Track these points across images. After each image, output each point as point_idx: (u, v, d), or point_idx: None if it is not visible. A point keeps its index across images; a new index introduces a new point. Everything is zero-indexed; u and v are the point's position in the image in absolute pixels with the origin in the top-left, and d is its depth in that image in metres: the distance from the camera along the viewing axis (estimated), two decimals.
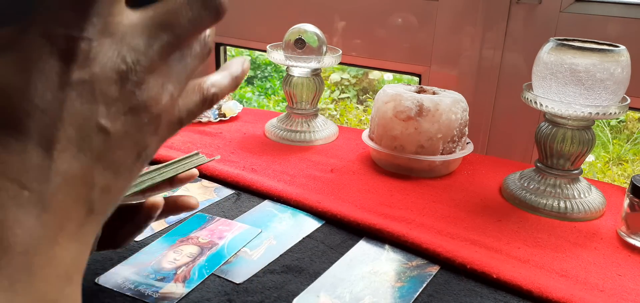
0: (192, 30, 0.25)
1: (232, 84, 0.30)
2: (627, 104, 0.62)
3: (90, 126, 0.22)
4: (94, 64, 0.22)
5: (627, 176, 1.92)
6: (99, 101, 0.22)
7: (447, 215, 0.63)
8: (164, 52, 0.24)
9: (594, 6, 0.85)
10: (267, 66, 2.55)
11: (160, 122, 0.25)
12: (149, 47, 0.24)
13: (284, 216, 0.62)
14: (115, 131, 0.23)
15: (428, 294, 0.49)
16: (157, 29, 0.24)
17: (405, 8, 0.99)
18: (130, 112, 0.23)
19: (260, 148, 0.82)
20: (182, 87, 0.26)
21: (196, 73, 0.27)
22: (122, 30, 0.23)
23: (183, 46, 0.26)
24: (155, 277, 0.49)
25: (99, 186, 0.23)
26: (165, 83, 0.25)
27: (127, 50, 0.23)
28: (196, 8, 0.25)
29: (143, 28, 0.24)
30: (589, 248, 0.58)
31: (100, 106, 0.22)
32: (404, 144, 0.72)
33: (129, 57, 0.23)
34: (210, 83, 0.28)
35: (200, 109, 0.28)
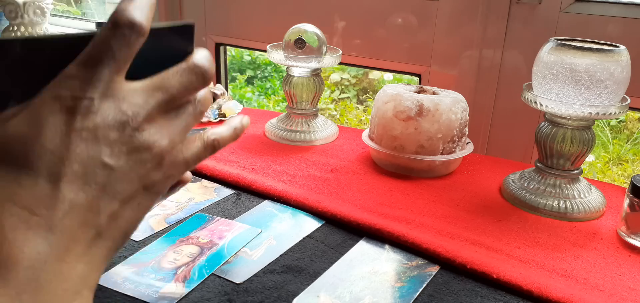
0: (183, 91, 0.31)
1: (232, 134, 0.35)
2: (627, 104, 0.62)
3: (95, 163, 0.27)
4: (96, 117, 0.27)
5: (627, 176, 1.92)
6: (102, 143, 0.27)
7: (447, 215, 0.63)
8: (160, 107, 0.30)
9: (594, 6, 0.85)
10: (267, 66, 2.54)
11: (162, 160, 0.30)
12: (146, 103, 0.29)
13: (284, 216, 0.62)
14: (119, 167, 0.28)
15: (428, 294, 0.49)
16: (153, 90, 0.29)
17: (405, 8, 0.99)
18: (132, 151, 0.28)
19: (260, 148, 0.82)
20: (182, 136, 0.31)
21: None
22: (123, 93, 0.28)
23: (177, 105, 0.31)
24: (155, 277, 0.49)
25: (105, 214, 0.28)
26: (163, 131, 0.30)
27: (127, 106, 0.28)
28: (186, 75, 0.31)
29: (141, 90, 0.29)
30: (589, 248, 0.58)
31: (103, 147, 0.27)
32: (404, 144, 0.72)
33: (129, 111, 0.28)
34: (211, 133, 0.34)
35: (203, 152, 0.33)
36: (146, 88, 0.29)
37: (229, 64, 2.40)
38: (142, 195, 0.29)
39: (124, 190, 0.28)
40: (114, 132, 0.27)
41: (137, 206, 0.29)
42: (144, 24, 0.28)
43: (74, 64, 0.27)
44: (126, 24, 0.27)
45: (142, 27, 0.28)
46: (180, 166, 0.31)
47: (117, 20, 0.27)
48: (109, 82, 0.27)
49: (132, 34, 0.28)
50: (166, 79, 0.30)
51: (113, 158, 0.28)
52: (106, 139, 0.27)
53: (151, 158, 0.29)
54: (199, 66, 0.31)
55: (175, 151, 0.31)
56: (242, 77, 2.47)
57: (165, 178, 0.30)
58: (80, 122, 0.27)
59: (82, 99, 0.27)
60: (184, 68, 0.31)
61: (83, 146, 0.27)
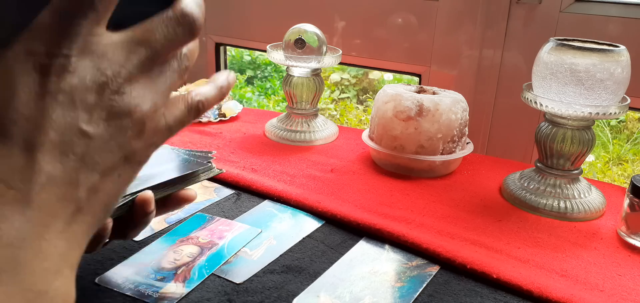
0: (168, 46, 0.28)
1: (218, 93, 0.32)
2: (627, 104, 0.62)
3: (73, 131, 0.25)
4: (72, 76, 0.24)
5: (627, 176, 1.92)
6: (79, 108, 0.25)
7: (447, 215, 0.63)
8: (142, 65, 0.27)
9: (594, 6, 0.85)
10: (267, 66, 2.54)
11: (144, 127, 0.27)
12: (127, 61, 0.26)
13: (284, 216, 0.62)
14: (98, 135, 0.25)
15: (428, 294, 0.49)
16: (135, 45, 0.26)
17: (405, 8, 0.99)
18: (111, 117, 0.26)
19: (260, 148, 0.82)
20: (165, 98, 0.28)
21: None
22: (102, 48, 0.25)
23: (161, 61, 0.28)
24: (155, 277, 0.49)
25: (84, 186, 0.25)
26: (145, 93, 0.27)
27: (108, 64, 0.25)
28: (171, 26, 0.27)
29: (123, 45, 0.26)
30: (589, 248, 0.58)
31: (80, 112, 0.25)
32: (404, 144, 0.72)
33: (109, 70, 0.25)
34: (194, 93, 0.30)
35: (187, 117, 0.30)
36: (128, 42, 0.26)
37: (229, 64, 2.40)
38: (123, 166, 0.27)
39: (104, 160, 0.26)
40: (92, 95, 0.25)
41: (118, 177, 0.27)
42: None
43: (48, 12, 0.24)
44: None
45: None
46: (163, 132, 0.29)
47: None
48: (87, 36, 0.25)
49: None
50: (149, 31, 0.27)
51: (91, 125, 0.25)
52: (84, 103, 0.25)
53: (132, 125, 0.27)
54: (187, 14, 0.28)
55: (157, 116, 0.28)
56: (242, 77, 2.47)
57: (147, 147, 0.28)
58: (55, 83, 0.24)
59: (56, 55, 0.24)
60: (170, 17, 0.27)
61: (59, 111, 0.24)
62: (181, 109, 0.30)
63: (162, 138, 0.29)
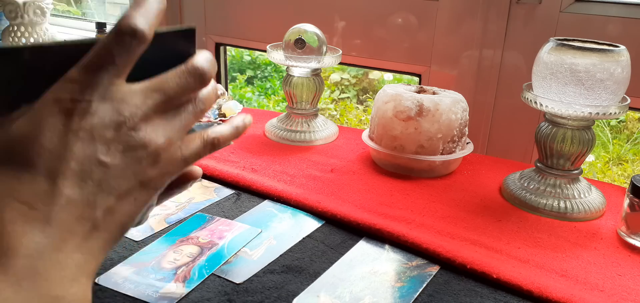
0: (181, 92, 0.32)
1: (233, 132, 0.36)
2: (627, 104, 0.62)
3: (91, 161, 0.28)
4: (93, 117, 0.28)
5: (627, 176, 1.92)
6: (98, 142, 0.28)
7: (447, 215, 0.63)
8: (157, 108, 0.31)
9: (594, 6, 0.85)
10: (267, 66, 2.54)
11: (159, 158, 0.31)
12: (143, 104, 0.30)
13: (284, 216, 0.62)
14: (114, 165, 0.29)
15: (428, 294, 0.49)
16: (151, 91, 0.30)
17: (405, 8, 0.99)
18: (127, 149, 0.29)
19: (260, 148, 0.82)
20: (180, 134, 0.32)
21: None
22: (121, 94, 0.29)
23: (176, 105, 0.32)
24: (155, 277, 0.49)
25: (101, 208, 0.29)
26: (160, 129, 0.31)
27: (126, 106, 0.29)
28: (183, 77, 0.32)
29: (140, 92, 0.30)
30: (589, 248, 0.58)
31: (98, 145, 0.28)
32: (404, 144, 0.72)
33: (127, 111, 0.29)
34: (211, 131, 0.34)
35: (202, 151, 0.34)
36: (144, 90, 0.30)
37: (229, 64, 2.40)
38: (138, 191, 0.30)
39: (120, 185, 0.29)
40: (110, 131, 0.29)
41: (134, 200, 0.30)
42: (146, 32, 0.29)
43: (75, 69, 0.28)
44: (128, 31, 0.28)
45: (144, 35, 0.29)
46: (178, 163, 0.32)
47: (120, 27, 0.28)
48: (108, 86, 0.29)
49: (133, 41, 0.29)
50: (164, 81, 0.31)
51: (109, 156, 0.29)
52: (102, 138, 0.28)
53: (147, 156, 0.30)
54: (198, 67, 0.32)
55: (172, 149, 0.31)
56: (242, 77, 2.47)
57: (162, 175, 0.31)
58: (77, 122, 0.28)
59: (80, 101, 0.28)
60: (183, 70, 0.32)
61: (80, 145, 0.28)
62: (198, 144, 0.33)
63: (178, 168, 0.32)
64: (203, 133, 0.34)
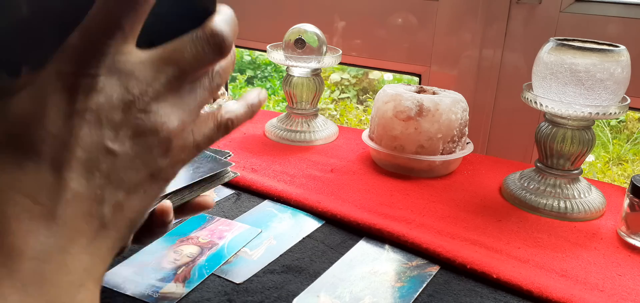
0: (196, 65, 0.27)
1: (248, 111, 0.32)
2: (627, 104, 0.62)
3: (99, 149, 0.25)
4: (99, 95, 0.25)
5: (627, 176, 1.92)
6: (105, 126, 0.25)
7: (447, 215, 0.63)
8: (170, 84, 0.27)
9: (594, 6, 0.85)
10: (267, 66, 2.54)
11: (170, 145, 0.27)
12: (155, 80, 0.26)
13: (284, 216, 0.62)
14: (123, 153, 0.26)
15: (428, 294, 0.49)
16: (163, 64, 0.26)
17: (405, 8, 0.99)
18: (137, 135, 0.26)
19: (260, 148, 0.82)
20: (194, 115, 0.28)
21: None
22: (130, 66, 0.25)
23: (190, 79, 0.28)
24: (155, 277, 0.49)
25: (109, 203, 0.26)
26: (173, 110, 0.27)
27: (135, 83, 0.25)
28: (200, 45, 0.27)
29: (151, 64, 0.26)
30: (589, 248, 0.58)
31: (106, 130, 0.25)
32: (404, 144, 0.72)
33: (136, 89, 0.26)
34: (224, 110, 0.30)
35: (216, 134, 0.30)
36: (156, 61, 0.26)
37: None
38: (149, 183, 0.27)
39: (129, 178, 0.26)
40: (119, 113, 0.25)
41: (144, 194, 0.27)
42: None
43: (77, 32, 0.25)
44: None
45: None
46: (191, 149, 0.29)
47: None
48: (114, 54, 0.25)
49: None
50: (178, 51, 0.27)
51: (117, 143, 0.25)
52: (110, 121, 0.25)
53: (158, 143, 0.27)
54: (216, 33, 0.28)
55: (185, 134, 0.28)
56: (242, 77, 2.47)
57: (174, 164, 0.28)
58: (82, 102, 0.25)
59: (84, 75, 0.25)
60: (199, 36, 0.27)
61: (86, 129, 0.25)
62: (210, 126, 0.30)
63: (190, 155, 0.29)
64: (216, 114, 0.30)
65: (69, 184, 0.25)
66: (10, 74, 0.26)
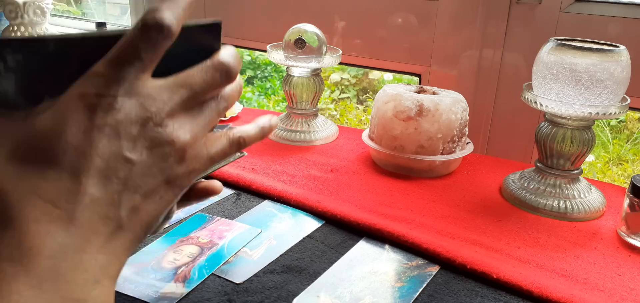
0: (206, 88, 0.31)
1: (259, 133, 0.35)
2: (627, 104, 0.62)
3: (117, 158, 0.28)
4: (118, 113, 0.28)
5: (627, 176, 1.92)
6: (123, 138, 0.28)
7: (447, 215, 0.63)
8: (183, 103, 0.30)
9: (594, 6, 0.85)
10: (267, 66, 2.54)
11: (185, 154, 0.30)
12: (170, 100, 0.30)
13: (284, 216, 0.62)
14: (140, 161, 0.28)
15: (428, 294, 0.49)
16: (177, 87, 0.30)
17: (405, 8, 0.99)
18: (153, 146, 0.29)
19: (260, 148, 0.82)
20: (204, 131, 0.32)
21: None
22: (147, 90, 0.29)
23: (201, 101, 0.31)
24: (155, 277, 0.49)
25: (126, 206, 0.28)
26: (185, 125, 0.30)
27: (152, 102, 0.29)
28: (209, 72, 0.31)
29: (166, 87, 0.30)
30: (589, 248, 0.58)
31: (124, 142, 0.28)
32: (404, 144, 0.72)
33: (153, 107, 0.29)
34: (236, 130, 0.34)
35: (228, 150, 0.33)
36: (170, 85, 0.30)
37: None
38: (164, 189, 0.30)
39: (146, 183, 0.29)
40: (136, 127, 0.28)
41: (159, 199, 0.30)
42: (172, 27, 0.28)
43: (101, 62, 0.28)
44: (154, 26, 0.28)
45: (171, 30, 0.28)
46: (204, 161, 0.32)
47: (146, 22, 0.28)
48: (133, 81, 0.28)
49: (159, 36, 0.28)
50: (190, 77, 0.31)
51: (134, 153, 0.28)
52: (128, 134, 0.28)
53: (173, 153, 0.30)
54: (223, 63, 0.32)
55: (198, 146, 0.31)
56: (242, 77, 2.47)
57: (188, 173, 0.31)
58: (102, 118, 0.27)
59: (105, 96, 0.27)
60: (208, 65, 0.31)
61: (105, 141, 0.27)
62: (223, 142, 0.33)
63: (204, 166, 0.32)
64: (228, 132, 0.34)
65: (87, 190, 0.27)
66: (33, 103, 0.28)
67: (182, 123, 0.30)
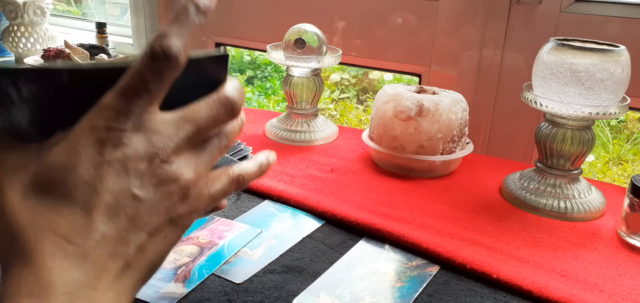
0: (211, 123, 0.31)
1: (258, 170, 0.36)
2: (627, 104, 0.62)
3: (126, 195, 0.28)
4: (127, 148, 0.28)
5: (627, 176, 1.92)
6: (131, 175, 0.28)
7: (447, 215, 0.63)
8: (188, 139, 0.30)
9: (594, 6, 0.85)
10: (267, 66, 2.54)
11: (188, 193, 0.31)
12: (175, 135, 0.30)
13: (284, 216, 0.62)
14: (147, 199, 0.29)
15: (428, 294, 0.49)
16: (183, 122, 0.30)
17: (405, 8, 0.99)
18: (159, 183, 0.29)
19: (261, 148, 0.81)
20: (207, 168, 0.32)
21: None
22: (154, 124, 0.29)
23: (205, 138, 0.32)
24: (155, 277, 0.49)
25: (133, 245, 0.29)
26: (189, 163, 0.31)
27: (159, 137, 0.29)
28: (215, 107, 0.31)
29: (172, 122, 0.30)
30: (589, 248, 0.58)
31: (132, 178, 0.28)
32: (404, 144, 0.72)
33: (160, 143, 0.29)
34: (236, 168, 0.34)
35: (228, 188, 0.34)
36: (176, 120, 0.30)
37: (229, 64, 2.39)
38: (168, 228, 0.30)
39: (152, 221, 0.29)
40: (144, 163, 0.29)
41: (164, 239, 0.30)
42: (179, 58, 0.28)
43: (110, 94, 0.28)
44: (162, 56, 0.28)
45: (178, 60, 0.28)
46: (205, 200, 0.32)
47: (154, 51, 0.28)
48: (141, 113, 0.29)
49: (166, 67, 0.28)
50: (196, 111, 0.31)
51: (142, 190, 0.29)
52: (136, 170, 0.28)
53: (178, 191, 0.30)
54: (228, 98, 0.32)
55: (200, 185, 0.31)
56: (242, 77, 2.47)
57: (190, 212, 0.31)
58: (111, 153, 0.28)
59: (114, 129, 0.28)
60: (214, 99, 0.32)
61: (114, 177, 0.28)
62: (224, 181, 0.33)
63: (205, 205, 0.32)
64: (228, 169, 0.34)
65: (99, 227, 0.27)
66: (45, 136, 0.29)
67: (187, 160, 0.30)
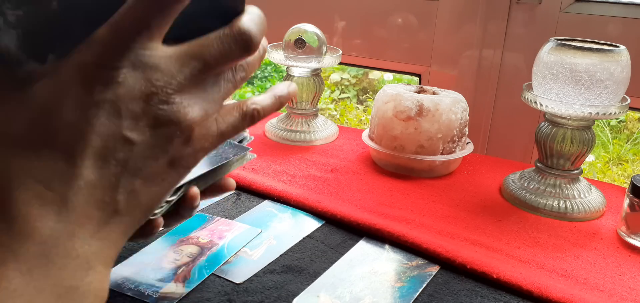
0: (222, 61, 0.28)
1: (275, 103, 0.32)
2: (627, 104, 0.62)
3: (116, 138, 0.25)
4: (119, 87, 0.25)
5: (627, 176, 1.92)
6: (124, 117, 0.25)
7: (447, 215, 0.63)
8: (194, 77, 0.27)
9: (594, 6, 0.85)
10: (267, 66, 2.54)
11: (192, 134, 0.27)
12: (179, 73, 0.26)
13: (284, 216, 0.62)
14: (142, 142, 0.26)
15: (428, 294, 0.49)
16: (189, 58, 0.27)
17: (405, 8, 0.99)
18: (157, 125, 0.26)
19: (260, 148, 0.82)
20: (217, 105, 0.29)
21: None
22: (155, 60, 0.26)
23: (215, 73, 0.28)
24: (155, 277, 0.49)
25: (124, 191, 0.26)
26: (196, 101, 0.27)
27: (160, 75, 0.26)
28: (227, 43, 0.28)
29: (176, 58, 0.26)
30: (589, 248, 0.58)
31: (124, 120, 0.25)
32: (404, 144, 0.72)
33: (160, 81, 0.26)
34: (250, 101, 0.31)
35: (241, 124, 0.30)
36: (182, 55, 0.27)
37: None
38: (168, 171, 0.28)
39: (147, 166, 0.26)
40: (139, 104, 0.25)
41: (162, 181, 0.28)
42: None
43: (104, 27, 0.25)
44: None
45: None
46: (214, 138, 0.29)
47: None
48: (139, 50, 0.25)
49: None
50: (204, 47, 0.27)
51: (136, 133, 0.26)
52: (129, 111, 0.25)
53: (180, 132, 0.27)
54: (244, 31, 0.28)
55: (208, 123, 0.28)
56: None
57: (196, 152, 0.28)
58: (101, 93, 0.25)
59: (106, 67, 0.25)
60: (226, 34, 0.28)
61: (104, 119, 0.25)
62: (235, 116, 0.30)
63: (213, 143, 0.29)
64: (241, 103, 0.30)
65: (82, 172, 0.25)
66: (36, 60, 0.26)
67: (192, 98, 0.27)
